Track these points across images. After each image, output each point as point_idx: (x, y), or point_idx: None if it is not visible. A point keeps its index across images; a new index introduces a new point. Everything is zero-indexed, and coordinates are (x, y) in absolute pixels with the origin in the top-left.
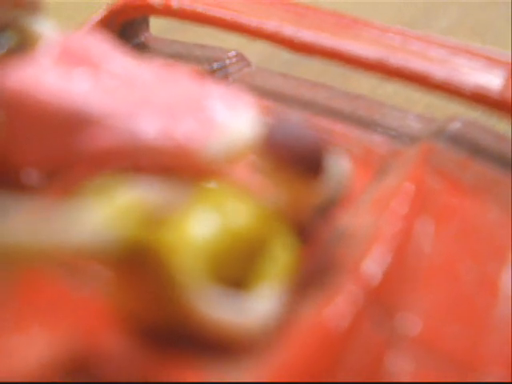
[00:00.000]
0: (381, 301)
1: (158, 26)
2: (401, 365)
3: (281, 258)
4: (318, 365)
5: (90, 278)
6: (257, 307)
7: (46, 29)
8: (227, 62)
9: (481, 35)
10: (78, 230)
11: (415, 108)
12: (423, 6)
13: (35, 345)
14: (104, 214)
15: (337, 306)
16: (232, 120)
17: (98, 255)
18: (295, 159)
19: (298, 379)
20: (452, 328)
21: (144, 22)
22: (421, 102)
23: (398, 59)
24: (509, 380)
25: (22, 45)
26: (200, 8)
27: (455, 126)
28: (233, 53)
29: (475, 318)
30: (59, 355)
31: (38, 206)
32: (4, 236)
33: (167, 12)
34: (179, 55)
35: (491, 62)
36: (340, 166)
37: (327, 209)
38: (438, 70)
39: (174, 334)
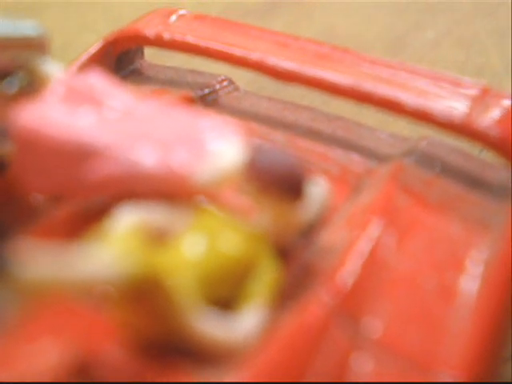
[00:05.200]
0: (348, 308)
1: (151, 50)
2: (363, 364)
3: (265, 277)
4: (291, 363)
5: (98, 298)
6: (243, 324)
7: (54, 70)
8: (217, 86)
9: (466, 48)
10: (92, 267)
11: (399, 121)
12: (413, 20)
13: (44, 352)
14: (110, 246)
15: (309, 314)
16: (221, 149)
17: (109, 285)
18: (276, 183)
19: (274, 375)
20: (412, 332)
21: (139, 51)
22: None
23: (369, 86)
24: (461, 380)
25: (32, 84)
26: (190, 39)
27: (424, 145)
28: (222, 78)
29: (433, 323)
30: (64, 360)
31: (56, 244)
32: (28, 272)
33: (159, 43)
34: (172, 81)
35: (457, 88)
36: (319, 189)
37: (307, 229)
38: (407, 97)
39: (169, 346)
